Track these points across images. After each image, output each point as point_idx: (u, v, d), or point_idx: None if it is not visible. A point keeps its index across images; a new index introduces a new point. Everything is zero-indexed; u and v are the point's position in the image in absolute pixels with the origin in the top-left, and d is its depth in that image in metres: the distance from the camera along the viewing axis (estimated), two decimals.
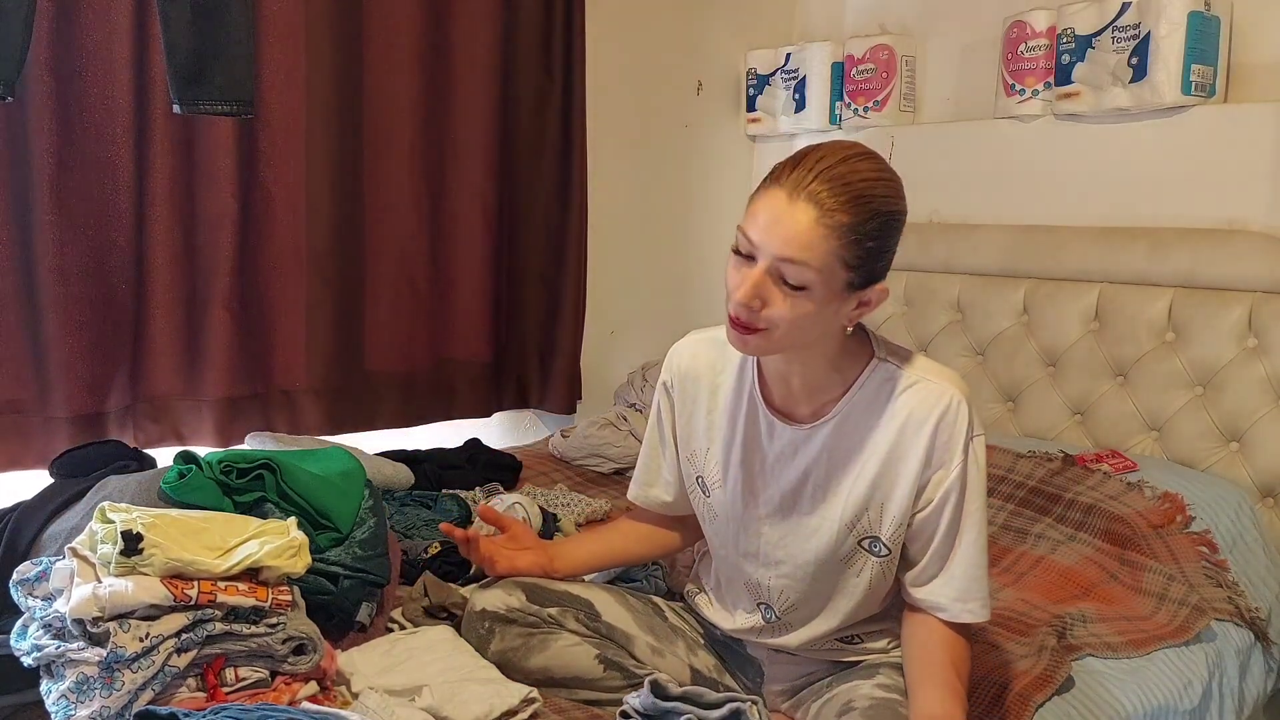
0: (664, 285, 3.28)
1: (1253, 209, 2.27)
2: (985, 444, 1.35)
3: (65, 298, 2.16)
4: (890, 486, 1.33)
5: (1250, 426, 2.19)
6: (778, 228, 1.18)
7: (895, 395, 1.32)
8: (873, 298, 1.28)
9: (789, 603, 1.45)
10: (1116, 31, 2.39)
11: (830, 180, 1.18)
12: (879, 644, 1.48)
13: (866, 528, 1.36)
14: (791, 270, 1.19)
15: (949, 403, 1.30)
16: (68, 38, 2.12)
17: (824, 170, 1.19)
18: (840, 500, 1.36)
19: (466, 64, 2.68)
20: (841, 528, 1.37)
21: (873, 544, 1.37)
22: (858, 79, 3.00)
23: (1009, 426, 2.58)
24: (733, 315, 1.24)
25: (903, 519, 1.34)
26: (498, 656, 1.49)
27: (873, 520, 1.36)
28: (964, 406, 1.30)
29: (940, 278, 2.74)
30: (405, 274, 2.66)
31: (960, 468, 1.31)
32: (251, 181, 2.37)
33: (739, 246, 1.24)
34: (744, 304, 1.21)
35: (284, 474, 1.59)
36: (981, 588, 1.35)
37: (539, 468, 2.61)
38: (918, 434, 1.30)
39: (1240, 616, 1.85)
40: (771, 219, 1.19)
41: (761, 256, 1.20)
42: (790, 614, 1.46)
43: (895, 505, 1.34)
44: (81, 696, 1.18)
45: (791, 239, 1.18)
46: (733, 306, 1.23)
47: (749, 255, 1.22)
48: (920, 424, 1.30)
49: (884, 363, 1.34)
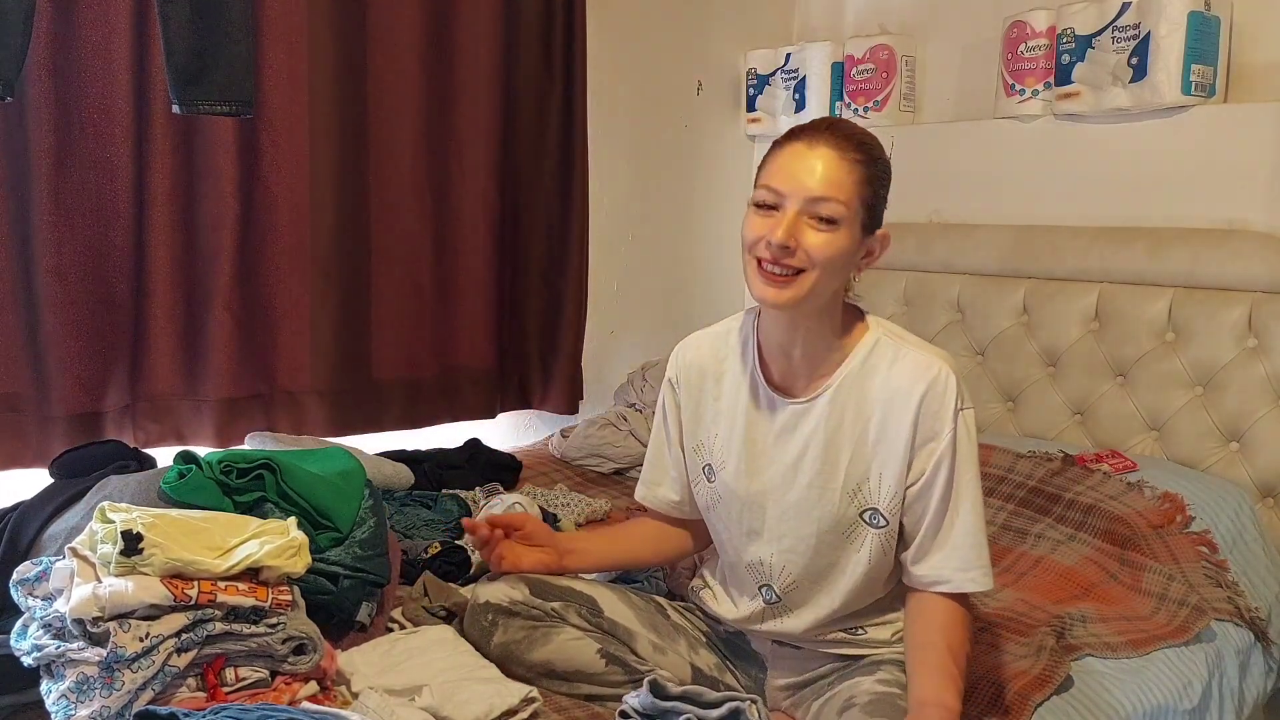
0: (664, 285, 3.28)
1: (1253, 209, 2.27)
2: (974, 418, 1.38)
3: (63, 297, 2.16)
4: (886, 456, 1.38)
5: (1250, 426, 2.19)
6: (806, 171, 1.30)
7: (886, 367, 1.38)
8: (876, 246, 1.38)
9: (790, 580, 1.46)
10: (1116, 31, 2.39)
11: (838, 133, 1.34)
12: (883, 635, 1.48)
13: (866, 498, 1.39)
14: (825, 206, 1.30)
15: (936, 374, 1.35)
16: (66, 38, 2.12)
17: (829, 126, 1.35)
18: (839, 471, 1.40)
19: (469, 64, 2.68)
20: (842, 497, 1.40)
21: (872, 515, 1.40)
22: (858, 79, 3.00)
23: (1009, 426, 2.58)
24: (770, 259, 1.32)
25: (898, 489, 1.38)
26: (500, 649, 1.50)
27: (871, 490, 1.39)
28: (951, 379, 1.36)
29: (940, 278, 2.74)
30: (410, 276, 2.66)
31: (950, 438, 1.35)
32: (254, 182, 2.37)
33: (762, 200, 1.34)
34: (782, 243, 1.30)
35: (284, 474, 1.59)
36: (982, 555, 1.37)
37: (539, 468, 2.61)
38: (906, 405, 1.36)
39: (1240, 616, 1.85)
40: (798, 166, 1.31)
41: (791, 201, 1.31)
42: (791, 593, 1.47)
43: (890, 475, 1.38)
44: (81, 696, 1.18)
45: (821, 178, 1.30)
46: (770, 250, 1.31)
47: (773, 206, 1.32)
48: (908, 395, 1.36)
49: (877, 337, 1.41)
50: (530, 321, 2.90)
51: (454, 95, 2.67)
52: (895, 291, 2.81)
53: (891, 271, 2.81)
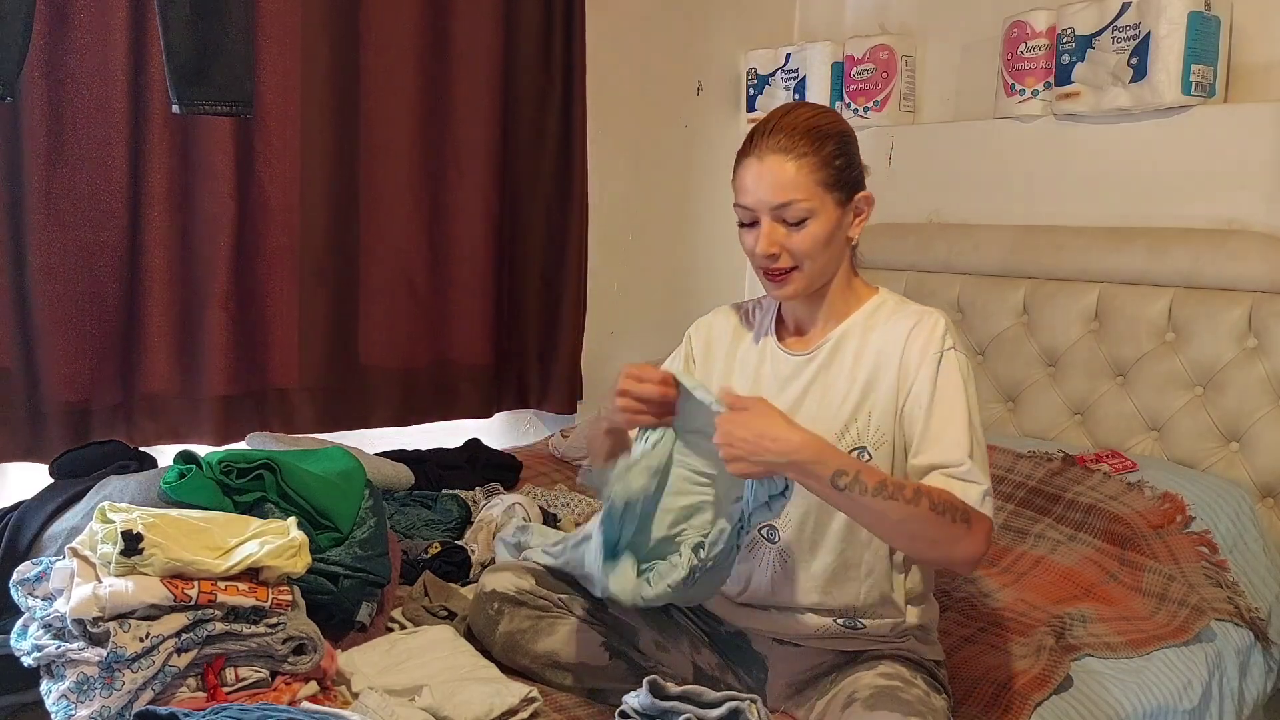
0: (664, 285, 3.28)
1: (1253, 209, 2.27)
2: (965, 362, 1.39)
3: (54, 295, 2.18)
4: (876, 397, 1.42)
5: (1250, 426, 2.19)
6: (761, 185, 1.38)
7: (885, 321, 1.46)
8: (863, 207, 1.45)
9: (789, 519, 1.45)
10: (1116, 31, 2.39)
11: (781, 131, 1.39)
12: (882, 629, 1.47)
13: (855, 438, 1.42)
14: (789, 211, 1.38)
15: (925, 316, 1.43)
16: (62, 39, 2.13)
17: (773, 127, 1.40)
18: (831, 413, 1.44)
19: (467, 65, 2.68)
20: (832, 439, 1.39)
21: (859, 454, 1.41)
22: (858, 79, 3.00)
23: (1009, 426, 2.58)
24: (764, 269, 1.42)
25: (886, 426, 1.41)
26: (505, 639, 1.51)
27: (861, 429, 1.42)
28: (941, 322, 1.42)
29: (940, 278, 2.74)
30: (402, 274, 2.67)
31: (934, 365, 1.38)
32: (248, 181, 2.38)
33: (741, 219, 1.43)
34: (767, 254, 1.39)
35: (284, 474, 1.60)
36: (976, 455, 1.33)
37: (539, 468, 2.61)
38: (896, 343, 1.42)
39: (1240, 616, 1.85)
40: (754, 181, 1.39)
41: (761, 213, 1.39)
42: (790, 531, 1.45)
43: (879, 412, 1.41)
44: (82, 696, 1.18)
45: (776, 187, 1.38)
46: (760, 261, 1.41)
47: (752, 222, 1.41)
48: (897, 338, 1.42)
49: (883, 299, 1.50)
50: (529, 321, 2.91)
51: (450, 95, 2.68)
52: (895, 291, 2.80)
53: (891, 271, 2.81)
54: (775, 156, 1.38)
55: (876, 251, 2.87)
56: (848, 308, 1.48)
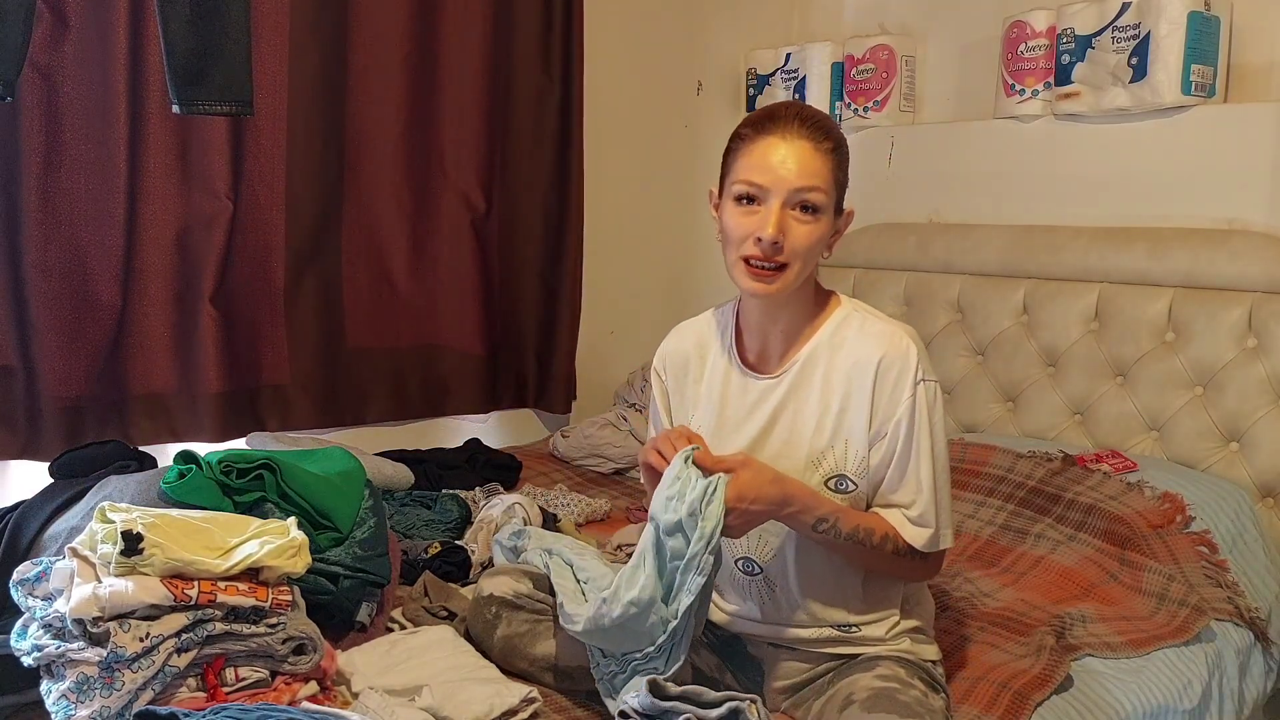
0: (664, 285, 3.28)
1: (1253, 209, 2.27)
2: (936, 390, 1.41)
3: (50, 293, 2.19)
4: (850, 425, 1.41)
5: (1250, 426, 2.19)
6: (787, 165, 1.35)
7: (852, 339, 1.43)
8: (843, 224, 1.45)
9: (769, 552, 1.46)
10: (1116, 31, 2.39)
11: (805, 120, 1.38)
12: (878, 632, 1.48)
13: (833, 466, 1.42)
14: (809, 196, 1.35)
15: (894, 344, 1.40)
16: (59, 39, 2.13)
17: (795, 115, 1.38)
18: (804, 442, 1.43)
19: (455, 65, 2.69)
20: (806, 466, 1.42)
21: (839, 482, 1.42)
22: (858, 79, 3.00)
23: (1009, 426, 2.58)
24: (760, 256, 1.36)
25: (864, 454, 1.41)
26: (503, 643, 1.50)
27: (838, 458, 1.41)
28: (912, 350, 1.40)
29: (940, 278, 2.74)
30: (383, 270, 2.68)
31: (909, 406, 1.38)
32: (239, 180, 2.39)
33: (745, 194, 1.37)
34: (773, 239, 1.34)
35: (284, 474, 1.60)
36: (941, 515, 1.41)
37: (539, 468, 2.61)
38: (866, 374, 1.40)
39: (1240, 616, 1.85)
40: (778, 159, 1.35)
41: (776, 194, 1.35)
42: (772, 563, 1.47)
43: (856, 441, 1.41)
44: (81, 696, 1.18)
45: (803, 170, 1.35)
46: (760, 247, 1.35)
47: (754, 199, 1.37)
48: (868, 364, 1.40)
49: (846, 312, 1.46)
50: (526, 320, 2.91)
51: (439, 97, 2.69)
52: (895, 291, 2.81)
53: (891, 271, 2.81)
54: (803, 142, 1.36)
55: (876, 251, 2.87)
56: (812, 322, 1.46)
